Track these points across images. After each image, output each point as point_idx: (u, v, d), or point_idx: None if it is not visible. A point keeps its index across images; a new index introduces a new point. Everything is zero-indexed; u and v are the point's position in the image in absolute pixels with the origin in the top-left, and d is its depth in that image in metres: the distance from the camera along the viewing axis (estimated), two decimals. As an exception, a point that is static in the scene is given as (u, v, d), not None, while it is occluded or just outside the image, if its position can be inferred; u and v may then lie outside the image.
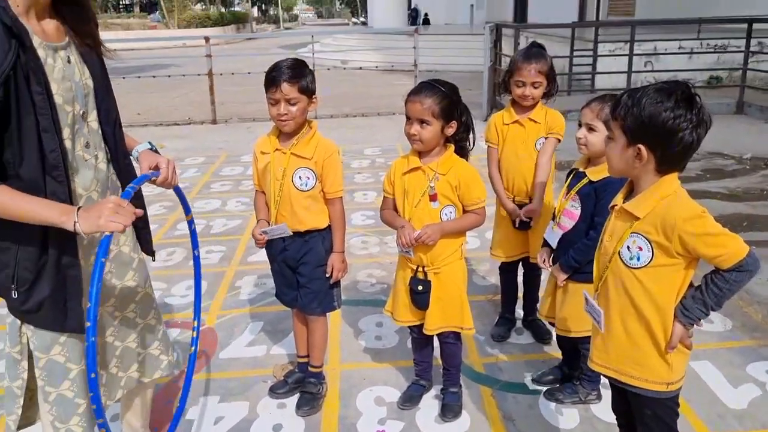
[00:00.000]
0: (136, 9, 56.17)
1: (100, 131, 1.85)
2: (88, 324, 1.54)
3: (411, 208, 2.49)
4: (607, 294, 1.85)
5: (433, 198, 2.46)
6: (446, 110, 2.39)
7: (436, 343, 2.77)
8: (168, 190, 2.11)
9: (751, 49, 9.76)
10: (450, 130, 2.44)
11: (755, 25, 9.34)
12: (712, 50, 10.48)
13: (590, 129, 2.45)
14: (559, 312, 2.61)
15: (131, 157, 2.02)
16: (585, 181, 2.48)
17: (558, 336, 2.78)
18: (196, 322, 2.48)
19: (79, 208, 1.61)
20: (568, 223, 2.56)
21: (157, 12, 49.80)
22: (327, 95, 11.89)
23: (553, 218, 2.63)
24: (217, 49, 11.24)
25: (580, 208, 2.52)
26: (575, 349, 2.74)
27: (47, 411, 1.86)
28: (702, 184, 5.88)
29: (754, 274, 1.66)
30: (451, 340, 2.67)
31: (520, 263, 3.28)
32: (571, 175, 2.57)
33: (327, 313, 2.78)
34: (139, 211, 1.68)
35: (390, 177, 2.60)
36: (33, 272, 1.69)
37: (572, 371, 2.83)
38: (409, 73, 11.39)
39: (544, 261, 2.66)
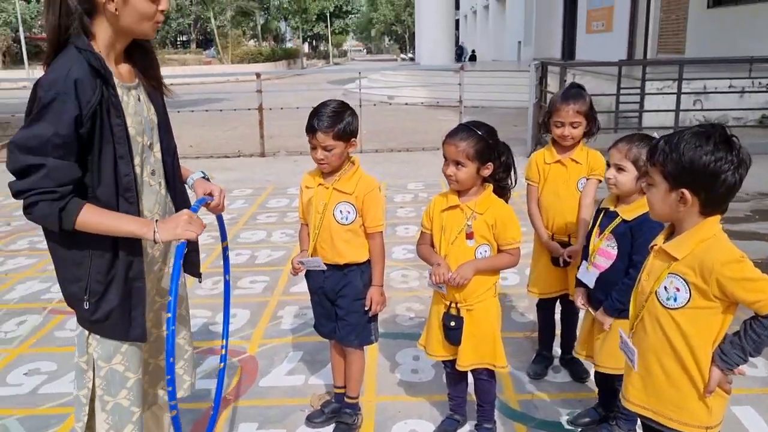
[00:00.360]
0: (193, 45, 58.33)
1: (161, 161, 2.07)
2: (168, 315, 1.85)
3: (447, 244, 2.55)
4: (643, 333, 1.87)
5: (469, 236, 2.51)
6: (481, 153, 2.45)
7: (470, 378, 2.79)
8: (214, 215, 2.37)
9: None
10: (486, 171, 2.49)
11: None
12: (765, 89, 10.29)
13: (619, 169, 2.48)
14: (599, 349, 2.61)
15: (186, 185, 2.23)
16: (618, 220, 2.51)
17: (596, 374, 2.77)
18: (224, 341, 2.58)
19: (156, 221, 1.87)
20: (605, 263, 2.58)
21: (213, 48, 51.65)
22: (372, 130, 12.11)
23: (586, 258, 2.64)
24: (267, 84, 11.62)
25: (616, 247, 2.54)
26: (613, 388, 2.72)
27: (104, 420, 2.00)
28: (751, 225, 5.76)
29: None
30: (485, 376, 2.70)
31: (558, 300, 3.28)
32: (602, 214, 2.60)
33: (364, 346, 2.84)
34: (206, 224, 1.92)
35: (429, 213, 2.67)
36: (103, 284, 1.87)
37: (608, 413, 2.81)
38: (455, 109, 11.51)
39: (581, 302, 2.68)
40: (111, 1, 1.78)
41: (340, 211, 2.66)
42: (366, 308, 2.71)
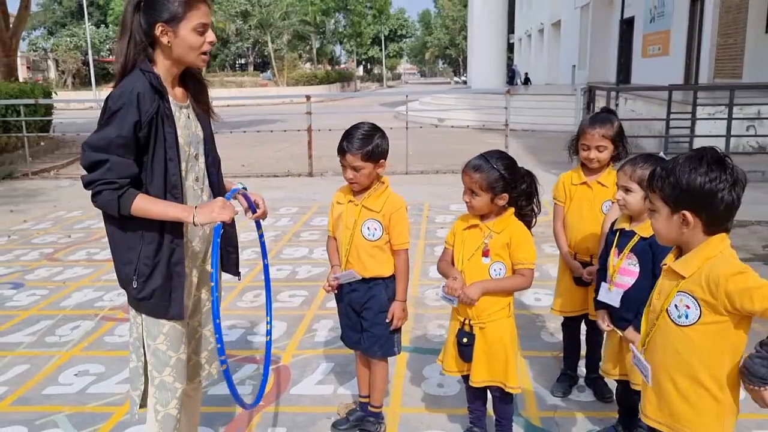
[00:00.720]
0: (251, 68, 60.04)
1: (205, 172, 2.39)
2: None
3: (464, 261, 2.66)
4: (654, 351, 1.92)
5: (485, 254, 2.61)
6: (495, 185, 2.54)
7: (490, 394, 2.86)
8: (254, 227, 2.64)
9: None
10: (501, 201, 2.58)
11: None
12: (822, 115, 10.01)
13: (627, 190, 2.55)
14: (633, 367, 2.64)
15: (228, 196, 2.46)
16: (637, 238, 2.57)
17: (618, 391, 2.80)
18: (269, 318, 2.71)
19: (196, 207, 2.17)
20: (628, 281, 2.62)
21: (269, 71, 52.99)
22: (419, 152, 12.27)
23: (605, 279, 2.69)
24: (321, 106, 11.96)
25: (638, 265, 2.60)
26: (635, 405, 2.74)
27: (152, 394, 2.31)
28: (797, 253, 5.63)
29: None
30: (498, 394, 2.76)
31: (583, 321, 3.33)
32: (618, 234, 2.65)
33: (388, 358, 2.96)
34: (238, 209, 2.22)
35: (453, 230, 2.78)
36: (150, 267, 2.17)
37: (627, 431, 2.83)
38: (502, 132, 11.58)
39: (605, 323, 2.71)
40: (165, 34, 2.14)
41: (368, 228, 2.79)
42: (388, 321, 2.83)
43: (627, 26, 23.47)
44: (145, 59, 2.15)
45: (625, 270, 2.64)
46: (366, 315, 2.87)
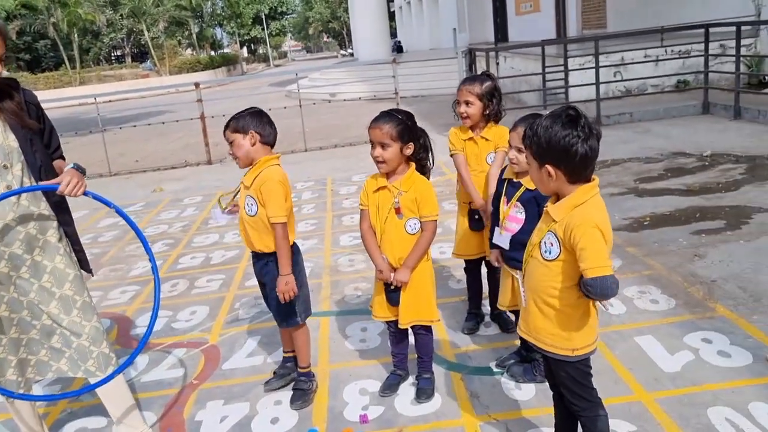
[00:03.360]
0: (128, 59, 57.30)
1: (24, 179, 2.50)
2: None
3: (381, 224, 2.94)
4: (527, 278, 2.27)
5: (398, 211, 2.90)
6: (402, 133, 2.84)
7: (412, 339, 3.18)
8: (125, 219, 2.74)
9: (714, 52, 10.29)
10: (408, 151, 2.88)
11: (716, 29, 9.88)
12: (677, 56, 10.99)
13: (519, 150, 2.86)
14: (516, 295, 3.02)
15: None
16: (523, 189, 2.90)
17: (516, 321, 3.18)
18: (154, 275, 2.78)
19: None
20: (515, 227, 2.97)
21: (149, 61, 50.85)
22: (315, 127, 12.43)
23: (497, 223, 3.04)
24: (209, 92, 11.81)
25: (524, 212, 2.95)
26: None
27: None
28: (663, 183, 6.32)
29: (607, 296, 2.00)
30: (423, 331, 3.08)
31: (483, 263, 3.70)
32: (506, 184, 3.00)
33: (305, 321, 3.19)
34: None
35: (365, 191, 3.03)
36: None
37: (530, 353, 3.23)
38: (393, 101, 11.91)
39: (497, 260, 3.09)
40: None
41: (247, 204, 3.02)
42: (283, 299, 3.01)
43: (500, -15, 24.28)
44: None
45: (512, 217, 2.99)
46: (266, 290, 3.14)
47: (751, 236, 4.66)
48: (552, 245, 2.12)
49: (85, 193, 2.54)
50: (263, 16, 70.47)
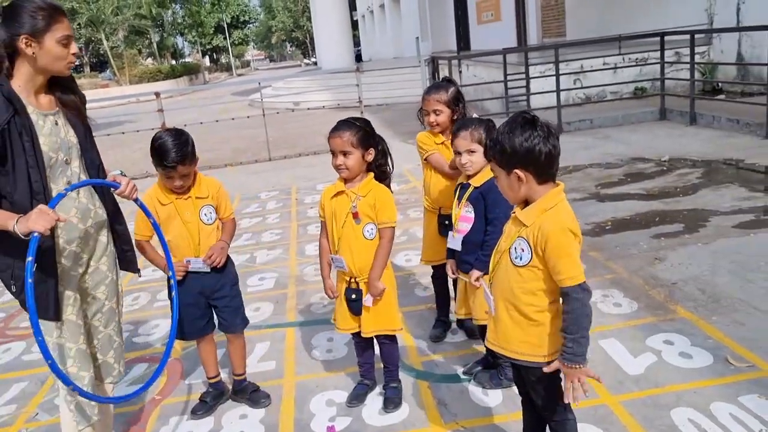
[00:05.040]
0: (87, 69, 56.21)
1: (82, 174, 2.46)
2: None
3: (338, 229, 2.91)
4: (496, 285, 2.26)
5: (355, 216, 2.88)
6: (363, 140, 2.85)
7: (377, 348, 3.16)
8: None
9: (670, 59, 10.55)
10: (369, 157, 2.88)
11: (671, 37, 10.13)
12: (634, 64, 11.23)
13: (471, 152, 2.90)
14: (474, 305, 3.03)
15: (53, 202, 2.49)
16: (471, 188, 2.94)
17: (478, 328, 3.19)
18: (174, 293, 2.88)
19: (20, 217, 2.15)
20: (466, 227, 3.00)
21: (108, 70, 50.00)
22: (279, 137, 12.35)
23: (451, 228, 3.06)
24: (171, 102, 11.64)
25: (473, 211, 2.97)
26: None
27: (61, 387, 2.41)
28: (623, 188, 6.44)
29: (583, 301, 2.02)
30: (387, 341, 3.07)
31: (449, 271, 3.69)
32: (458, 189, 3.03)
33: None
34: (62, 216, 2.16)
35: (321, 202, 3.02)
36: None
37: (496, 359, 3.24)
38: (357, 109, 11.90)
39: (452, 271, 3.10)
40: (29, 46, 2.23)
41: (204, 214, 3.04)
42: (212, 262, 3.00)
43: (461, -5, 24.58)
44: (2, 72, 2.23)
45: (463, 217, 3.01)
46: (222, 293, 3.11)
47: (708, 239, 4.77)
48: (523, 251, 2.12)
49: (134, 199, 2.58)
50: (225, 25, 69.92)
